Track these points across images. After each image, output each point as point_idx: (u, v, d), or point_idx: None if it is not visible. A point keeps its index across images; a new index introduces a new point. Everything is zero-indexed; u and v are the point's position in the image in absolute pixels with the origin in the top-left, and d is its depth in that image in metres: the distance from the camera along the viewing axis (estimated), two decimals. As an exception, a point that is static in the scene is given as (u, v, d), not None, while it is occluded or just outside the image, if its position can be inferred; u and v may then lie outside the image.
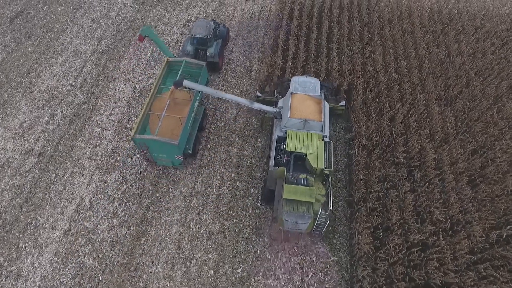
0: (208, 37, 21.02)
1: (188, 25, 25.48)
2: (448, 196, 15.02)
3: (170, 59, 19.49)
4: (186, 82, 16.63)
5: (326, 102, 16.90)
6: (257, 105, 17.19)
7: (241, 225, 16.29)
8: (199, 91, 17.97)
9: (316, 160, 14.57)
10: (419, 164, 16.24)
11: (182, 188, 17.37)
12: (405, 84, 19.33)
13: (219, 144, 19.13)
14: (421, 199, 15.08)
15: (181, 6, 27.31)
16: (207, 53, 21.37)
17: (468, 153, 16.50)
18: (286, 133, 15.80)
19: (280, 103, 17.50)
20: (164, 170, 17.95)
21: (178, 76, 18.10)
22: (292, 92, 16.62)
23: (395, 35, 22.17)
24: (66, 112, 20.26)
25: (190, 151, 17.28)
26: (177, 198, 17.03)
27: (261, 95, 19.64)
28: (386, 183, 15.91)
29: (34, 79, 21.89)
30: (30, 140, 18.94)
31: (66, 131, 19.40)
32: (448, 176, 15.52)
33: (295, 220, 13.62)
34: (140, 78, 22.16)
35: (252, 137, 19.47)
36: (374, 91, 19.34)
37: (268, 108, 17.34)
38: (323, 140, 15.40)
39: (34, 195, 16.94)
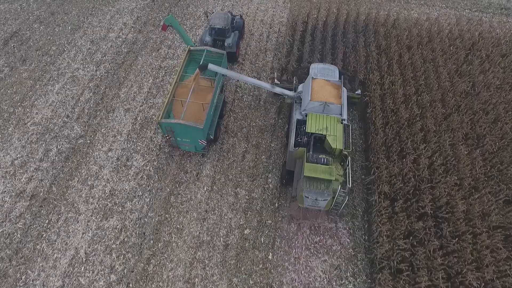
0: (226, 27, 22.16)
1: (207, 16, 25.09)
2: (481, 255, 13.70)
3: (192, 48, 20.12)
4: (211, 66, 17.53)
5: (344, 88, 17.54)
6: (278, 89, 18.36)
7: (251, 281, 15.01)
8: (221, 79, 19.21)
9: (336, 141, 15.24)
10: (447, 216, 14.93)
11: (186, 237, 16.13)
12: (428, 120, 18.06)
13: (226, 185, 17.90)
14: (451, 259, 13.77)
15: (185, 27, 26.18)
16: (225, 44, 22.46)
17: (501, 204, 15.19)
18: (306, 116, 16.51)
19: (300, 88, 18.17)
20: (167, 216, 16.73)
21: (200, 63, 18.42)
22: (312, 77, 17.53)
23: (415, 63, 20.92)
24: (62, 147, 19.08)
25: (212, 137, 18.28)
26: (181, 249, 15.78)
27: (279, 82, 20.38)
28: (411, 238, 14.61)
29: (28, 109, 20.75)
30: (22, 180, 17.77)
31: (61, 169, 18.22)
32: (481, 232, 14.21)
33: (314, 197, 14.29)
34: (141, 108, 20.99)
35: (262, 176, 18.23)
36: (394, 127, 18.08)
37: (288, 92, 18.30)
38: (341, 123, 16.02)
39: (24, 245, 15.73)
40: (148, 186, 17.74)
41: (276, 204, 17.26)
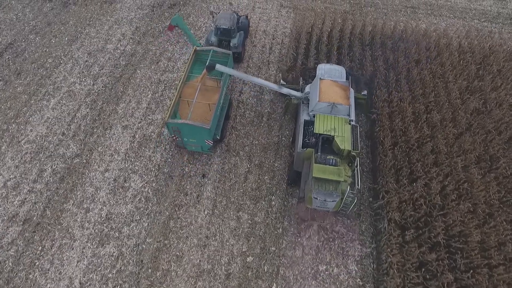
0: (232, 28, 22.35)
1: (213, 16, 24.88)
2: (498, 291, 13.04)
3: (198, 48, 20.31)
4: (218, 66, 17.59)
5: (352, 89, 17.50)
6: (285, 90, 18.33)
7: (254, 315, 14.37)
8: (227, 79, 19.35)
9: (344, 142, 15.28)
10: (461, 246, 14.26)
11: (185, 265, 15.48)
12: (438, 141, 17.39)
13: (227, 208, 17.25)
14: (467, 294, 13.11)
15: (185, 38, 25.49)
16: (231, 44, 22.67)
17: (517, 233, 14.52)
18: (313, 116, 16.59)
19: (307, 89, 18.15)
20: (166, 242, 16.08)
21: (207, 64, 18.24)
22: (320, 78, 17.54)
23: (424, 78, 20.26)
24: (57, 167, 18.45)
25: (218, 137, 18.46)
26: (180, 279, 15.13)
27: (285, 83, 20.15)
28: (423, 270, 13.94)
29: (22, 126, 20.13)
30: (15, 203, 17.14)
31: (56, 191, 17.58)
32: (498, 265, 13.53)
33: (323, 198, 14.26)
34: (139, 124, 20.36)
35: (265, 199, 17.58)
36: (403, 148, 17.43)
37: (296, 93, 18.28)
38: (349, 123, 16.06)
39: (16, 274, 15.10)
40: (146, 209, 17.10)
41: (280, 229, 16.61)
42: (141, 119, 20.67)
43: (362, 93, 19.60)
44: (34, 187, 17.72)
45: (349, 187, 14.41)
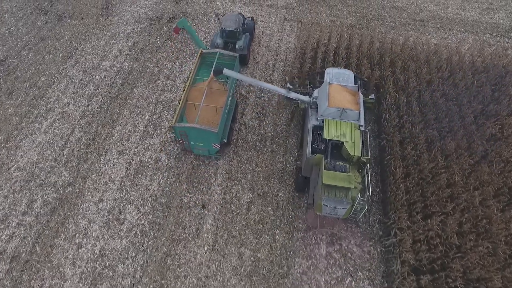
0: (238, 30, 22.30)
1: (218, 18, 24.95)
2: None
3: (204, 51, 20.27)
4: (225, 70, 17.59)
5: (361, 94, 17.33)
6: (293, 95, 18.25)
7: None
8: (234, 82, 19.24)
9: (353, 148, 15.10)
10: (481, 292, 13.31)
11: (184, 309, 14.56)
12: (453, 172, 16.44)
13: (229, 243, 16.33)
14: None
15: (185, 54, 24.70)
16: (236, 46, 22.67)
17: (542, 278, 13.56)
18: (322, 121, 16.48)
19: (315, 93, 18.06)
20: (163, 281, 15.16)
21: (213, 67, 18.31)
22: (329, 82, 17.32)
23: (437, 101, 19.32)
24: (48, 197, 17.57)
25: (225, 140, 18.42)
26: (178, 324, 14.20)
27: (291, 86, 20.37)
28: (441, 319, 13.00)
29: (12, 151, 19.26)
30: (3, 238, 16.26)
31: (46, 224, 16.70)
32: (522, 316, 12.58)
33: (334, 205, 14.19)
34: (136, 149, 19.47)
35: (269, 233, 16.66)
36: (416, 179, 16.49)
37: (304, 98, 18.20)
38: (359, 129, 15.90)
39: (2, 319, 14.20)
40: (142, 244, 16.20)
41: (285, 268, 15.67)
42: (138, 143, 19.78)
43: (369, 97, 19.47)
44: (23, 219, 16.82)
45: (359, 194, 14.28)
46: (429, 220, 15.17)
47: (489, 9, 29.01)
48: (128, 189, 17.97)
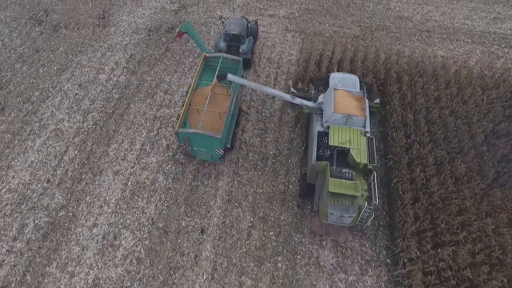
0: (242, 33, 22.26)
1: (222, 22, 24.51)
2: None
3: (207, 55, 20.17)
4: (230, 76, 17.63)
5: (367, 99, 17.10)
6: (298, 100, 18.12)
7: None
8: (237, 86, 19.08)
9: (360, 155, 14.95)
10: (496, 331, 12.61)
11: None
12: (464, 196, 15.75)
13: (229, 271, 15.65)
14: None
15: (183, 67, 24.05)
16: (240, 50, 22.55)
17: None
18: (327, 128, 16.27)
19: (320, 99, 17.83)
20: (159, 314, 14.49)
21: (217, 71, 18.39)
22: (334, 88, 17.12)
23: (445, 119, 18.64)
24: (40, 221, 16.91)
25: (229, 145, 18.36)
26: None
27: (295, 91, 20.23)
28: None
29: (3, 172, 18.60)
30: (-8, 266, 15.57)
31: (38, 251, 16.02)
32: None
33: (340, 213, 14.05)
34: (132, 170, 18.81)
35: (271, 260, 15.97)
36: (425, 204, 15.80)
37: (309, 103, 18.02)
38: (365, 135, 15.75)
39: None
40: (138, 273, 15.52)
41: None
42: (134, 163, 19.11)
43: (374, 101, 19.42)
44: (13, 246, 16.15)
45: (366, 202, 14.02)
46: (439, 249, 14.48)
47: (497, 19, 28.35)
48: (123, 212, 17.29)
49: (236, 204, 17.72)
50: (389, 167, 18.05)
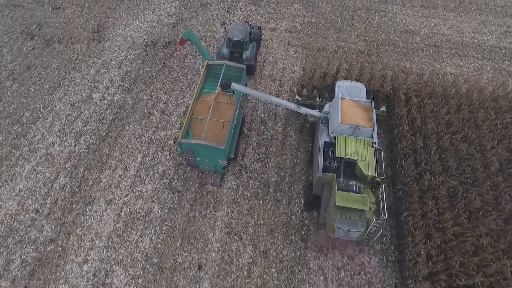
0: (245, 40, 22.09)
1: (225, 28, 24.07)
2: None
3: (210, 62, 19.97)
4: (234, 85, 17.39)
5: (374, 109, 16.89)
6: (304, 110, 17.89)
7: None
8: (241, 95, 18.86)
9: (367, 167, 14.78)
10: None
11: None
12: (479, 232, 14.81)
13: (228, 314, 14.69)
14: None
15: (181, 85, 23.15)
16: (243, 56, 22.27)
17: None
18: (334, 138, 16.14)
19: (326, 108, 17.69)
20: None
21: (220, 79, 18.37)
22: (341, 97, 16.92)
23: (458, 147, 17.71)
24: (27, 256, 15.99)
25: (232, 155, 18.12)
26: None
27: (300, 99, 19.92)
28: None
29: (-11, 201, 17.69)
30: (-26, 308, 14.66)
31: (24, 291, 15.08)
32: None
33: (347, 228, 13.86)
34: (126, 198, 17.90)
35: (273, 301, 15.02)
36: (437, 241, 14.86)
37: (314, 113, 17.78)
38: (372, 146, 15.59)
39: None
40: (130, 316, 14.58)
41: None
42: (128, 191, 18.20)
43: (380, 109, 19.13)
44: (-2, 285, 15.24)
45: (374, 216, 13.80)
46: (454, 293, 13.55)
47: (507, 33, 27.46)
48: (116, 246, 16.37)
49: (235, 237, 16.80)
50: (398, 197, 17.12)
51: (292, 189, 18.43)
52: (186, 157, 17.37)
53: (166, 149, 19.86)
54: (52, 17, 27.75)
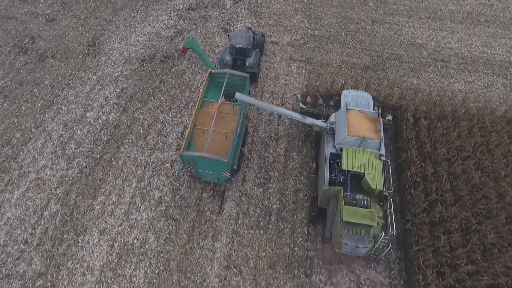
0: (248, 47, 21.71)
1: (228, 35, 23.43)
2: None
3: (213, 71, 19.62)
4: (238, 94, 16.99)
5: (381, 120, 16.63)
6: (309, 120, 17.54)
7: None
8: (244, 104, 18.52)
9: (375, 180, 14.50)
10: None
11: None
12: (495, 272, 13.97)
13: None
14: None
15: (179, 103, 22.37)
16: (246, 64, 21.97)
17: None
18: (340, 150, 15.86)
19: (332, 118, 17.46)
20: None
21: (223, 88, 18.17)
22: (347, 108, 16.66)
23: (470, 174, 16.88)
24: (14, 293, 15.15)
25: (235, 167, 17.85)
26: None
27: (304, 107, 19.84)
28: None
29: (-24, 231, 16.88)
30: None
31: (10, 332, 14.27)
32: None
33: (355, 244, 13.64)
34: (120, 228, 17.09)
35: None
36: (450, 279, 14.02)
37: (321, 123, 17.54)
38: (380, 159, 15.32)
39: None
40: None
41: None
42: (123, 219, 17.38)
43: (387, 118, 18.96)
44: (-18, 325, 14.42)
45: (382, 232, 13.55)
46: None
47: (518, 47, 26.63)
48: (109, 281, 15.54)
49: (235, 271, 15.97)
50: (407, 228, 16.28)
51: (295, 217, 17.61)
52: (188, 168, 17.02)
53: (162, 173, 19.05)
54: (46, 29, 26.97)
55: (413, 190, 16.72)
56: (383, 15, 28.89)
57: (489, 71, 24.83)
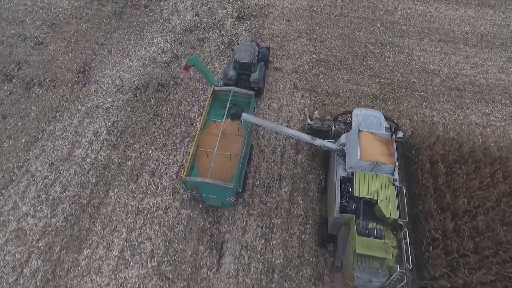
0: (253, 62, 21.04)
1: (232, 49, 23.14)
2: None
3: (216, 88, 19.16)
4: (244, 115, 16.50)
5: (395, 143, 15.98)
6: (319, 141, 16.98)
7: None
8: (249, 124, 18.04)
9: (389, 208, 14.03)
10: None
11: None
12: None
13: None
14: None
15: (174, 138, 20.92)
16: (251, 79, 21.31)
17: None
18: (352, 174, 15.34)
19: (342, 139, 16.99)
20: None
21: (227, 107, 17.66)
22: (359, 129, 16.13)
23: (494, 229, 15.36)
24: None
25: (240, 190, 17.41)
26: None
27: (312, 123, 19.59)
28: None
29: None
30: None
31: None
32: None
33: (368, 277, 13.14)
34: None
35: None
36: None
37: (331, 145, 16.99)
38: (394, 184, 14.85)
39: None
40: None
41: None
42: (110, 278, 15.90)
43: (398, 135, 18.62)
44: None
45: (397, 264, 13.06)
46: None
47: (537, 73, 25.17)
48: None
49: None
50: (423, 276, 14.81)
51: (300, 274, 16.13)
52: (191, 193, 16.61)
53: (155, 221, 17.59)
54: (33, 54, 25.56)
55: (431, 248, 15.22)
56: (392, 38, 27.47)
57: (507, 101, 23.36)
